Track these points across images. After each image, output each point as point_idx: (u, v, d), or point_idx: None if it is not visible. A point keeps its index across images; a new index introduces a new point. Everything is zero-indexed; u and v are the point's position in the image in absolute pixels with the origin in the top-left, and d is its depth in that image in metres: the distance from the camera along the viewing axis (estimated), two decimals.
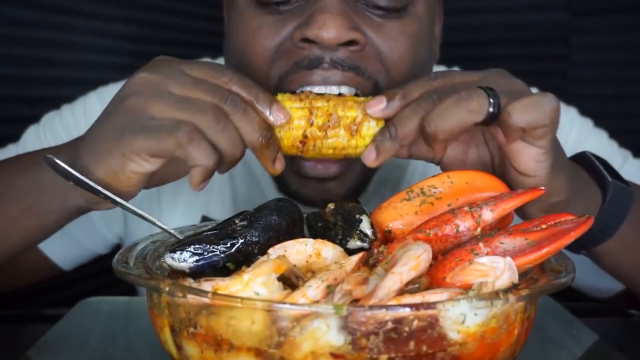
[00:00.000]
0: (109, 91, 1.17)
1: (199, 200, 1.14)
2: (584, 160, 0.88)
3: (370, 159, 0.76)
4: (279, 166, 0.76)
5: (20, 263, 1.04)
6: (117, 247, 1.23)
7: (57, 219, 0.85)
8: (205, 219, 1.15)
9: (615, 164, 1.11)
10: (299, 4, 0.89)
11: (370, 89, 0.88)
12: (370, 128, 0.78)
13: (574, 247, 0.85)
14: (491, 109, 0.70)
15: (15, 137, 1.17)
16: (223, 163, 0.73)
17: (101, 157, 0.73)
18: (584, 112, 1.20)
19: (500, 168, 0.79)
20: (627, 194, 0.85)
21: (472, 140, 0.80)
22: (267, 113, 0.74)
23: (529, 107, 0.69)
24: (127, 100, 0.73)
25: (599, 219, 0.82)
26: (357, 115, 0.78)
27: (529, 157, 0.72)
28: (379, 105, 0.76)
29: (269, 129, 0.75)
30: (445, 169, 0.80)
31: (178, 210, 1.14)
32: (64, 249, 1.16)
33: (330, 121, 0.77)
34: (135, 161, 0.72)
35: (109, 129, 0.74)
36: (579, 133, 1.14)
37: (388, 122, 0.77)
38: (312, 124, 0.77)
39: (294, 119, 0.77)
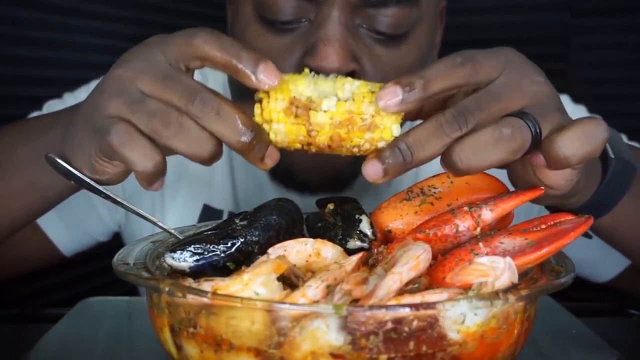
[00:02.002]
0: None
1: (201, 189, 1.15)
2: None
3: (374, 177, 0.64)
4: (269, 162, 0.66)
5: (23, 245, 1.04)
6: (115, 235, 1.24)
7: (59, 192, 0.85)
8: (207, 207, 1.16)
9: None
10: (303, 27, 0.90)
11: None
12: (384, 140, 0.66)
13: None
14: (530, 143, 0.63)
15: None
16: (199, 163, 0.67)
17: (73, 153, 0.72)
18: None
19: (519, 174, 0.74)
20: (628, 171, 0.79)
21: None
22: (253, 77, 0.64)
23: (583, 141, 0.62)
24: (95, 96, 0.70)
25: (595, 198, 0.78)
26: (364, 142, 0.66)
27: (561, 177, 0.67)
28: (393, 98, 0.63)
29: (252, 126, 0.65)
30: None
31: (180, 199, 1.15)
32: (66, 231, 1.16)
33: (333, 143, 0.66)
34: (98, 163, 0.70)
35: (79, 124, 0.72)
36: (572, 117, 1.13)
37: (400, 139, 0.64)
38: (310, 136, 0.66)
39: (288, 134, 0.66)
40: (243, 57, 0.64)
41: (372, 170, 0.64)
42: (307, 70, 0.69)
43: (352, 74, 0.87)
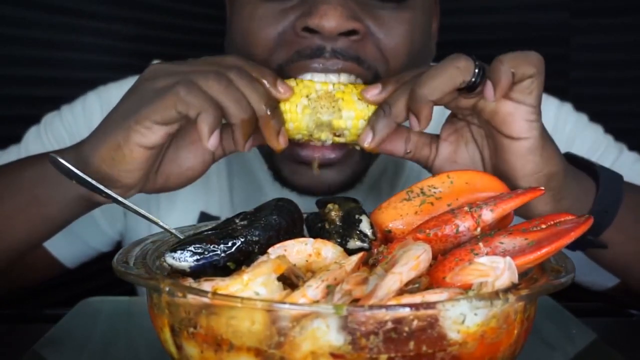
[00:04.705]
0: (108, 90, 1.18)
1: (198, 196, 1.15)
2: (568, 157, 0.89)
3: (367, 140, 0.78)
4: (282, 141, 0.79)
5: (26, 261, 1.04)
6: (118, 245, 1.24)
7: (60, 210, 0.86)
8: (203, 215, 1.16)
9: (611, 156, 1.12)
10: None
11: (370, 79, 0.89)
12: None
13: (577, 244, 0.85)
14: (477, 70, 0.74)
15: (15, 137, 1.17)
16: (235, 128, 0.75)
17: (107, 132, 0.77)
18: (585, 112, 1.20)
19: (492, 161, 0.80)
20: (617, 178, 0.86)
21: (460, 138, 0.82)
22: (271, 87, 0.79)
23: (517, 55, 0.74)
24: (138, 86, 0.78)
25: (597, 204, 0.83)
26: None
27: (520, 117, 0.75)
28: (374, 90, 0.80)
29: (274, 100, 0.79)
30: (437, 171, 0.82)
31: (177, 206, 1.15)
32: (67, 246, 1.16)
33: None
34: (139, 131, 0.75)
35: (117, 110, 0.79)
36: (573, 127, 1.14)
37: (381, 103, 0.79)
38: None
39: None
40: (266, 72, 0.80)
41: (363, 135, 0.79)
42: (307, 109, 0.81)
43: (353, 33, 0.88)
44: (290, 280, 0.61)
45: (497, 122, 0.77)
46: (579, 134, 1.14)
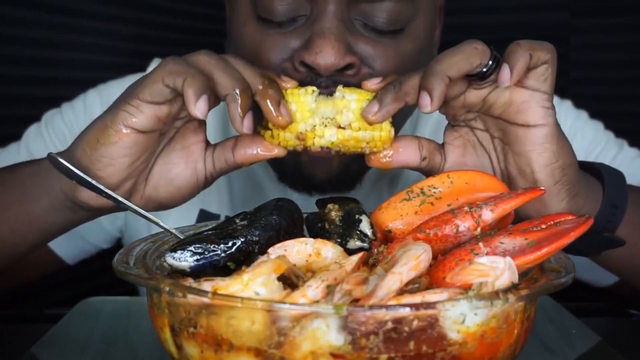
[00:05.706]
0: (109, 88, 1.18)
1: None
2: None
3: (372, 111, 0.74)
4: (285, 113, 0.74)
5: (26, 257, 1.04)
6: (117, 241, 1.24)
7: (45, 208, 0.83)
8: (203, 212, 1.15)
9: (611, 152, 1.12)
10: (299, 23, 0.90)
11: None
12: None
13: (595, 247, 0.84)
14: (491, 61, 0.74)
15: (15, 137, 1.18)
16: (229, 100, 0.71)
17: (99, 118, 0.75)
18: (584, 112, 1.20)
19: (501, 165, 0.79)
20: (618, 173, 0.85)
21: (467, 142, 0.81)
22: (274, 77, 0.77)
23: (533, 41, 0.75)
24: (131, 85, 0.76)
25: (606, 199, 0.81)
26: (363, 148, 0.78)
27: (536, 103, 0.75)
28: (375, 79, 0.77)
29: (267, 76, 0.75)
30: None
31: None
32: (67, 241, 1.16)
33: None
34: (127, 110, 0.72)
35: (116, 100, 0.77)
36: (574, 123, 1.14)
37: (390, 81, 0.76)
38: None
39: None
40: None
41: (369, 106, 0.75)
42: (309, 90, 0.77)
43: (350, 67, 0.88)
44: (290, 280, 0.61)
45: (511, 112, 0.76)
46: (579, 130, 1.14)
